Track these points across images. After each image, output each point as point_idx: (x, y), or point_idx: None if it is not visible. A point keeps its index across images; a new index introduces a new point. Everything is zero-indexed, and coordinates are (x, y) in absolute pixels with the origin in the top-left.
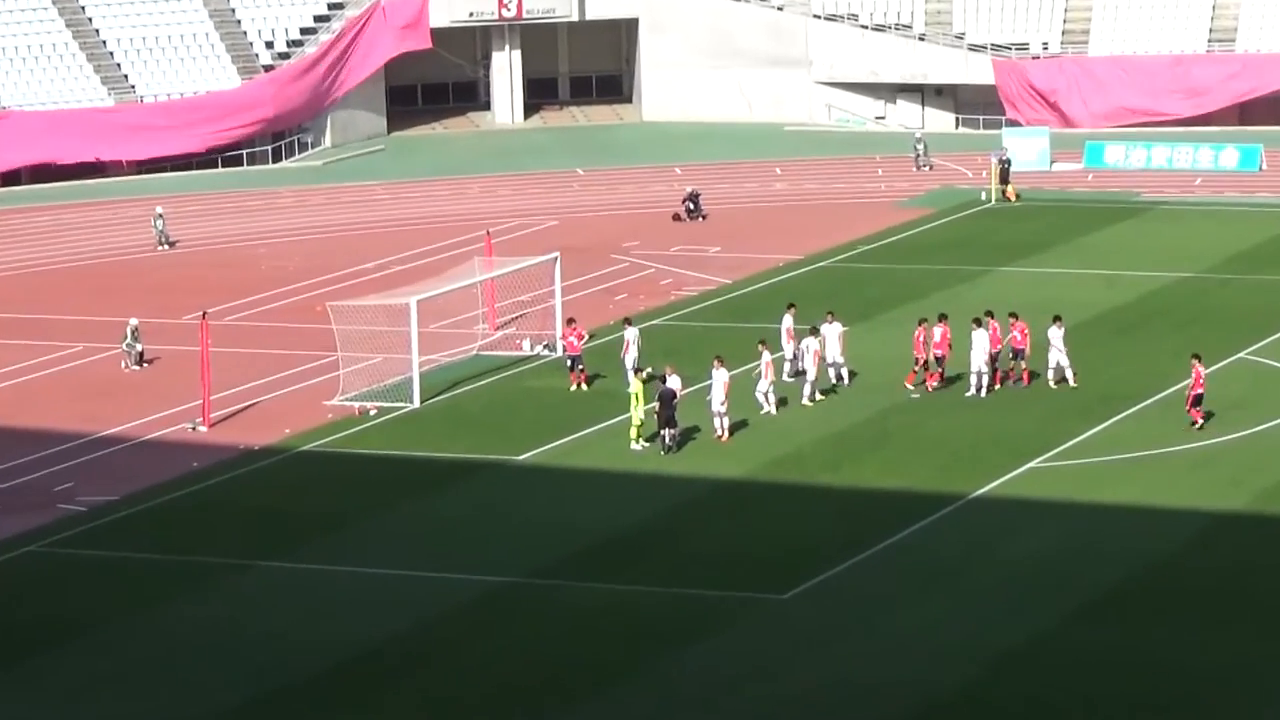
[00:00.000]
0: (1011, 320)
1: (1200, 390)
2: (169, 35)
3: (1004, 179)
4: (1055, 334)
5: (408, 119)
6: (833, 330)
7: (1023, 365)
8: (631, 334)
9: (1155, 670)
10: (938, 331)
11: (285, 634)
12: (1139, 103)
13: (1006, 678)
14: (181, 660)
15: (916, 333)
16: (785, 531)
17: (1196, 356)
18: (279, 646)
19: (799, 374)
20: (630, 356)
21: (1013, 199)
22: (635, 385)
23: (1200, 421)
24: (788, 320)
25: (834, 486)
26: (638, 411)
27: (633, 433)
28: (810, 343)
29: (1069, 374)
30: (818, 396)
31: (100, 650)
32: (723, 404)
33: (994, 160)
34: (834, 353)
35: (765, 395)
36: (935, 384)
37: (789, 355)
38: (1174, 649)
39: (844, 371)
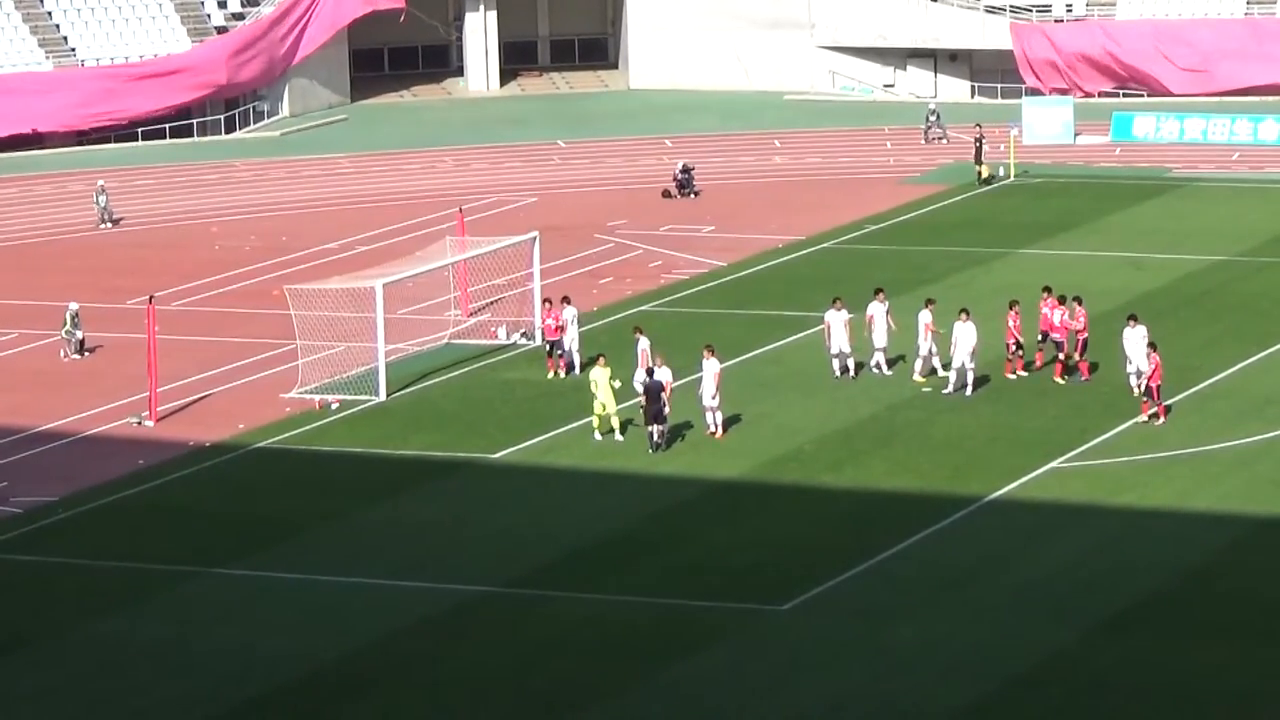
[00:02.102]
0: (1062, 302)
1: (1159, 382)
2: None
3: (978, 157)
4: (1132, 335)
5: (373, 86)
6: (839, 318)
7: (1077, 356)
8: (569, 314)
9: (1188, 691)
10: (1058, 313)
11: (239, 648)
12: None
13: (1023, 697)
14: (125, 677)
15: (1042, 304)
16: (784, 537)
17: (1152, 345)
18: (233, 661)
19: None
20: (567, 338)
21: (984, 175)
22: (599, 372)
23: (1157, 416)
24: (926, 316)
25: (837, 488)
26: (604, 397)
27: (595, 422)
28: (923, 315)
29: (1143, 382)
30: (916, 377)
31: (35, 666)
32: (714, 398)
33: (1011, 132)
34: (840, 342)
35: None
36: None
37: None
38: (1209, 667)
39: (850, 363)
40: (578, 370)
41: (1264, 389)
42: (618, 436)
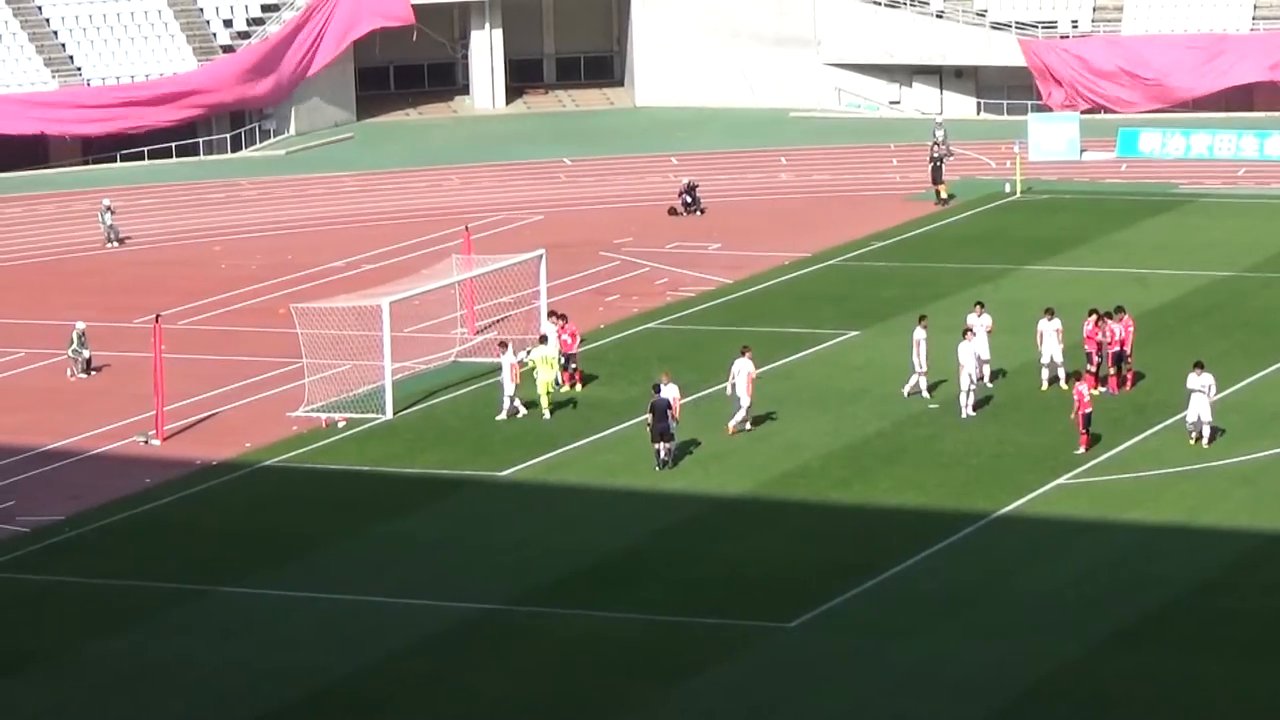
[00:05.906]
0: (1118, 316)
1: (1089, 410)
2: (118, 13)
3: (936, 177)
4: (1196, 381)
5: (379, 104)
6: (924, 335)
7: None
8: (505, 359)
9: (1197, 705)
10: (1118, 328)
11: (245, 666)
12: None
13: (1032, 713)
14: (132, 695)
15: (1090, 328)
16: (791, 554)
17: (1077, 375)
18: (238, 680)
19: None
20: (505, 381)
21: (943, 196)
22: (541, 351)
23: (1084, 448)
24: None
25: (844, 505)
26: (547, 376)
27: (543, 401)
28: (1046, 325)
29: (1206, 431)
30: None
31: (43, 684)
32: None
33: (1016, 149)
34: (923, 359)
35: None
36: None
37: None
38: (1218, 681)
39: (923, 382)
40: (503, 413)
41: (1271, 404)
42: (545, 415)
